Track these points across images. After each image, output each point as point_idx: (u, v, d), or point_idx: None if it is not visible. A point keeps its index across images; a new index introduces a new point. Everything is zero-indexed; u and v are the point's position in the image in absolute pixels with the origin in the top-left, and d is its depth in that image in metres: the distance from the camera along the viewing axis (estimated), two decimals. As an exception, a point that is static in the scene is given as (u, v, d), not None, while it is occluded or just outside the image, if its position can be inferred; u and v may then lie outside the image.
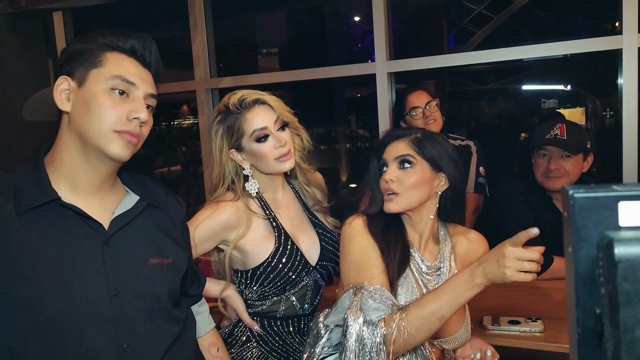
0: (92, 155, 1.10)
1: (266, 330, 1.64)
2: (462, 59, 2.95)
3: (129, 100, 1.10)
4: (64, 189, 1.10)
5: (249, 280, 1.61)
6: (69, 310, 1.03)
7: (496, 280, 1.18)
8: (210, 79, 3.37)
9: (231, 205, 1.58)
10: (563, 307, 1.70)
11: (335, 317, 1.40)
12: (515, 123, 6.02)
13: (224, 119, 1.60)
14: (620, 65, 2.60)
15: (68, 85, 1.10)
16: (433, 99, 2.55)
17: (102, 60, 1.10)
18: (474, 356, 1.45)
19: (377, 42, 3.02)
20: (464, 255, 1.51)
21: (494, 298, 1.99)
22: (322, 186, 1.80)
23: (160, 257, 1.19)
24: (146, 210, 1.19)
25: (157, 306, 1.16)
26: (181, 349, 1.21)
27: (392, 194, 1.42)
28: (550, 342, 1.64)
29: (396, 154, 1.44)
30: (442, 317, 1.25)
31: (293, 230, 1.65)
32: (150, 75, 1.16)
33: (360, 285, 1.35)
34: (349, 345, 1.28)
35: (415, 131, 1.50)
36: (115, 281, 1.09)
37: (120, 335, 1.08)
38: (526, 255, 1.15)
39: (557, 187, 2.22)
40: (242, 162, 1.62)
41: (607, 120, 5.66)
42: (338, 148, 6.40)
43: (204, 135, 3.42)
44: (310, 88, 3.46)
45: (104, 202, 1.15)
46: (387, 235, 1.42)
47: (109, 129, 1.07)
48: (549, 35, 6.45)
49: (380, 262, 1.39)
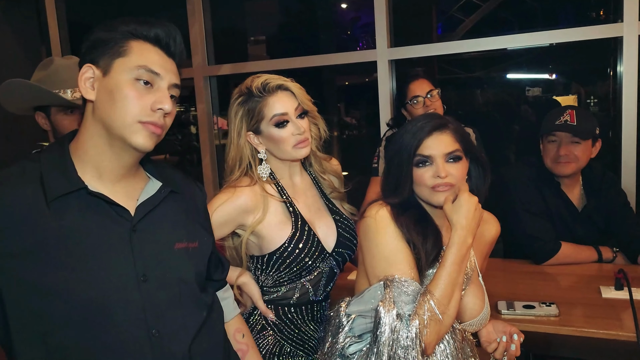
0: (117, 145, 1.09)
1: (281, 319, 1.64)
2: (462, 46, 2.96)
3: (153, 91, 1.09)
4: (90, 177, 1.09)
5: (264, 265, 1.61)
6: (99, 296, 1.03)
7: (463, 222, 1.35)
8: (209, 67, 3.33)
9: (248, 189, 1.58)
10: (574, 292, 1.76)
11: (359, 307, 1.40)
12: (505, 111, 6.07)
13: (245, 100, 1.59)
14: (621, 53, 2.64)
15: (92, 74, 1.08)
16: (434, 88, 2.56)
17: (126, 49, 1.08)
18: (499, 340, 1.47)
19: (379, 29, 3.01)
20: (479, 236, 1.51)
21: (505, 283, 2.03)
22: (338, 173, 1.80)
23: (187, 242, 1.19)
24: (169, 196, 1.19)
25: (185, 291, 1.16)
26: (209, 333, 1.22)
27: (445, 187, 1.40)
28: (566, 326, 1.67)
29: (446, 150, 1.41)
30: (459, 283, 1.34)
31: (310, 217, 1.65)
32: (175, 65, 1.15)
33: (391, 278, 1.35)
34: (382, 339, 1.28)
35: (446, 119, 1.48)
36: (144, 267, 1.09)
37: (149, 320, 1.08)
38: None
39: (566, 172, 2.25)
40: (258, 146, 1.61)
41: (592, 109, 5.75)
42: (328, 136, 6.39)
43: (202, 123, 3.38)
44: (300, 75, 3.47)
45: (128, 189, 1.14)
46: (420, 227, 1.41)
47: (133, 120, 1.06)
48: (537, 23, 6.50)
49: (410, 253, 1.39)
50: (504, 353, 1.48)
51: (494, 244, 1.62)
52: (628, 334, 1.58)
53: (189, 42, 3.30)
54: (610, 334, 1.61)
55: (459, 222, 1.35)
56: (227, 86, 3.79)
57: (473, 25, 6.32)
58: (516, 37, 2.86)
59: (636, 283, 1.79)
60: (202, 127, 3.43)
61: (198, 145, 3.56)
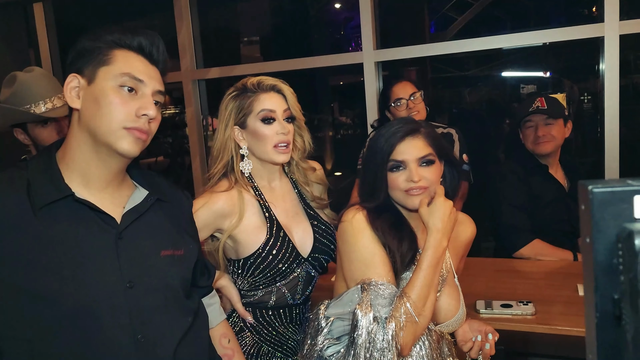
0: (103, 152, 1.12)
1: (258, 321, 1.67)
2: (449, 47, 2.98)
3: (138, 97, 1.12)
4: (77, 185, 1.12)
5: (240, 269, 1.64)
6: (86, 303, 1.06)
7: (438, 225, 1.38)
8: (197, 70, 3.35)
9: (225, 194, 1.60)
10: (552, 290, 1.78)
11: (337, 309, 1.42)
12: (497, 109, 6.09)
13: (237, 95, 1.63)
14: (602, 52, 2.67)
15: (78, 83, 1.11)
16: (417, 90, 2.58)
17: (110, 58, 1.11)
18: (475, 339, 1.49)
19: (364, 31, 3.03)
20: (454, 237, 1.54)
21: (485, 283, 2.05)
22: (322, 180, 1.81)
23: (172, 249, 1.21)
24: (155, 204, 1.22)
25: (170, 297, 1.18)
26: (194, 339, 1.24)
27: (418, 190, 1.43)
28: (542, 324, 1.69)
29: (418, 155, 1.43)
30: (434, 285, 1.37)
31: (287, 222, 1.67)
32: (158, 72, 1.18)
33: (368, 282, 1.37)
34: (359, 341, 1.31)
35: (419, 124, 1.50)
36: (130, 274, 1.11)
37: (135, 326, 1.10)
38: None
39: (547, 150, 2.46)
40: (241, 142, 1.64)
41: (585, 105, 5.77)
42: (322, 136, 6.41)
43: (191, 126, 3.40)
44: (294, 75, 3.49)
45: (114, 197, 1.17)
46: (395, 231, 1.44)
47: (119, 126, 1.09)
48: (529, 21, 6.52)
49: (386, 257, 1.41)
50: (479, 352, 1.50)
51: (470, 245, 1.64)
52: (602, 332, 1.60)
53: (177, 46, 3.32)
54: (584, 331, 1.63)
55: (435, 225, 1.38)
56: (219, 87, 3.81)
57: (465, 23, 6.34)
58: (504, 37, 2.88)
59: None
60: (191, 130, 3.45)
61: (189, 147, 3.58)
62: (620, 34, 2.59)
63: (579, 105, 5.74)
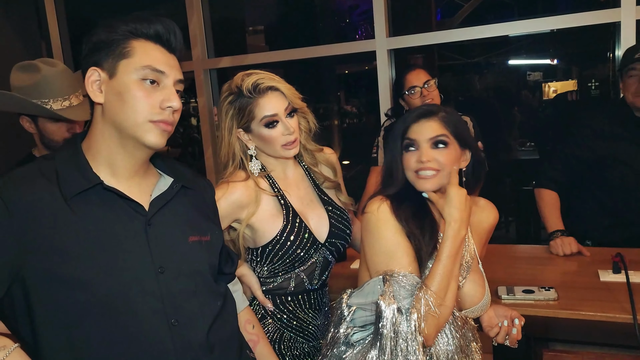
0: (129, 144, 1.12)
1: (279, 308, 1.69)
2: (464, 34, 2.96)
3: (160, 89, 1.11)
4: (105, 174, 1.13)
5: (259, 257, 1.66)
6: (119, 288, 1.07)
7: (456, 215, 1.38)
8: (209, 59, 3.34)
9: (242, 184, 1.61)
10: (573, 276, 1.78)
11: (360, 299, 1.43)
12: (504, 96, 6.07)
13: (235, 100, 1.61)
14: (618, 37, 2.65)
15: (99, 77, 1.10)
16: (431, 78, 2.57)
17: (130, 50, 1.10)
18: (501, 324, 1.50)
19: (377, 19, 3.02)
20: (477, 223, 1.55)
21: (505, 269, 2.06)
22: (331, 162, 1.82)
23: (199, 235, 1.23)
24: (181, 191, 1.23)
25: (200, 282, 1.20)
26: (225, 322, 1.26)
27: (428, 174, 1.43)
28: (565, 310, 1.70)
29: (430, 135, 1.43)
30: (454, 275, 1.38)
31: (302, 209, 1.68)
32: (177, 60, 1.17)
33: (391, 273, 1.37)
34: (384, 332, 1.32)
35: (436, 108, 1.50)
36: (160, 259, 1.13)
37: (168, 310, 1.12)
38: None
39: None
40: (248, 142, 1.65)
41: (593, 92, 5.75)
42: (329, 125, 6.40)
43: (203, 115, 3.40)
44: (300, 63, 3.47)
45: (141, 185, 1.18)
46: (417, 220, 1.43)
47: (145, 120, 1.10)
48: (536, 7, 6.48)
49: (410, 248, 1.41)
50: (506, 337, 1.51)
51: (492, 231, 1.64)
52: (625, 316, 1.61)
53: (188, 35, 3.30)
54: (607, 316, 1.64)
55: (452, 215, 1.37)
56: (226, 77, 3.80)
57: (472, 10, 6.30)
58: (514, 24, 2.87)
59: (633, 266, 1.82)
60: (203, 120, 3.45)
61: (199, 137, 3.59)
62: (637, 19, 2.57)
63: (588, 92, 5.72)
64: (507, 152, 4.46)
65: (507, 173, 4.53)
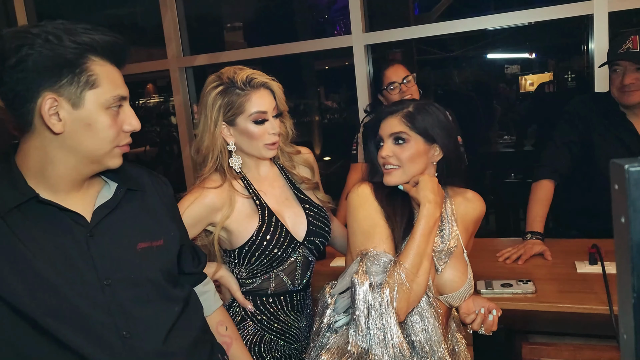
0: (88, 167, 1.10)
1: (259, 309, 1.66)
2: (440, 28, 2.96)
3: (120, 111, 1.10)
4: (42, 188, 1.07)
5: (236, 258, 1.64)
6: (67, 303, 1.04)
7: (430, 196, 1.42)
8: (184, 57, 3.30)
9: (215, 189, 1.59)
10: (551, 269, 1.80)
11: (342, 284, 1.45)
12: (482, 90, 6.11)
13: (224, 91, 1.57)
14: (592, 30, 2.67)
15: (56, 105, 1.01)
16: (410, 74, 2.57)
17: (95, 79, 1.04)
18: (478, 311, 1.51)
19: (353, 14, 3.00)
20: (463, 214, 1.56)
21: (485, 263, 2.07)
22: (309, 163, 1.80)
23: (150, 241, 1.19)
24: (127, 196, 1.18)
25: (152, 290, 1.16)
26: (185, 328, 1.22)
27: (390, 167, 1.49)
28: (543, 302, 1.71)
29: (390, 131, 1.50)
30: (427, 254, 1.40)
31: (278, 207, 1.66)
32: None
33: (365, 252, 1.40)
34: (358, 307, 1.34)
35: (407, 104, 1.53)
36: (105, 271, 1.09)
37: (118, 322, 1.09)
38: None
39: (633, 102, 2.18)
40: (228, 137, 1.61)
41: (569, 84, 5.82)
42: (309, 121, 6.37)
43: (180, 114, 3.36)
44: (279, 60, 3.45)
45: (84, 195, 1.14)
46: (394, 201, 1.48)
47: (112, 146, 1.09)
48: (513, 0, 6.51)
49: (387, 227, 1.44)
50: (481, 325, 1.52)
51: (479, 223, 1.65)
52: (602, 307, 1.63)
53: (155, 32, 3.25)
54: (585, 308, 1.66)
55: (426, 197, 1.42)
56: (204, 74, 3.75)
57: (449, 4, 6.32)
58: (490, 17, 2.88)
59: (609, 257, 1.85)
60: (180, 118, 3.41)
61: (178, 136, 3.54)
62: (609, 11, 2.59)
63: (564, 84, 5.79)
64: (486, 145, 4.49)
65: (487, 166, 4.57)
